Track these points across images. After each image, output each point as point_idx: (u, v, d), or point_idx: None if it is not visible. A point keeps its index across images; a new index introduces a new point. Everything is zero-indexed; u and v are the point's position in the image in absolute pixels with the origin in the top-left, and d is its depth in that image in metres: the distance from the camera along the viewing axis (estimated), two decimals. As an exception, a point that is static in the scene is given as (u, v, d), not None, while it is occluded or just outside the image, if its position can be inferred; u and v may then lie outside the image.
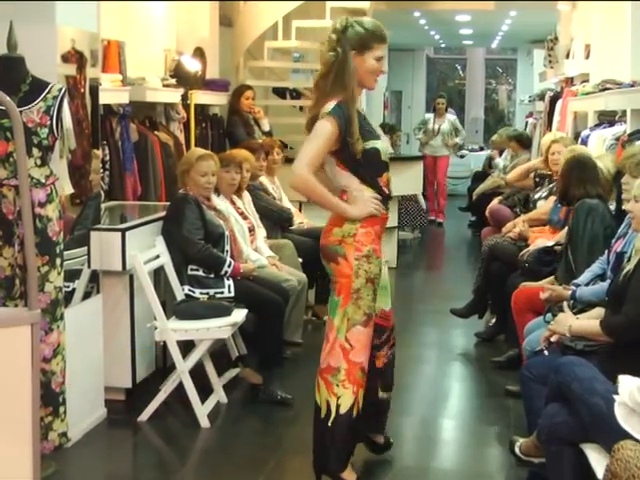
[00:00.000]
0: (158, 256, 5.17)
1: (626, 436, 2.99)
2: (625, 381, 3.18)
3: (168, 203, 5.64)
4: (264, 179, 6.98)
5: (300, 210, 7.94)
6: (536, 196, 6.98)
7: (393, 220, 8.61)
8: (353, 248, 3.86)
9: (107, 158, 5.96)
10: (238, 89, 8.30)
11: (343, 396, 3.85)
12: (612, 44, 7.57)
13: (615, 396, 3.17)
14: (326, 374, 3.89)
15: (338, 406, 3.85)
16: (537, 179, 7.30)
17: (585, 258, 4.75)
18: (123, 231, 4.92)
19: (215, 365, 5.24)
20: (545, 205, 6.54)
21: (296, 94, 10.76)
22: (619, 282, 3.78)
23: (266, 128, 8.28)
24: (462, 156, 16.41)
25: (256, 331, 5.34)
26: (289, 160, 7.87)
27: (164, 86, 6.99)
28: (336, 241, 3.90)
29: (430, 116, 13.10)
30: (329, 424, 3.86)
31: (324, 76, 3.84)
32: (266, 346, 5.29)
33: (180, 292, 5.21)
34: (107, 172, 5.98)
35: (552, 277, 5.13)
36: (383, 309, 4.11)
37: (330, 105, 3.76)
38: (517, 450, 4.13)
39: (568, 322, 4.02)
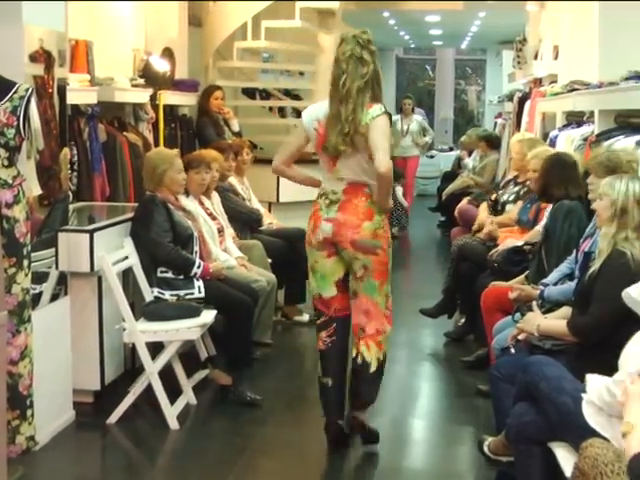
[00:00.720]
0: (127, 257, 5.16)
1: (594, 434, 3.02)
2: (593, 380, 3.21)
3: (136, 204, 5.62)
4: (233, 180, 6.98)
5: (270, 211, 7.95)
6: (504, 198, 7.03)
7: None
8: (384, 239, 4.42)
9: (75, 159, 5.92)
10: (207, 89, 8.28)
11: (387, 349, 4.61)
12: (580, 45, 7.62)
13: (583, 394, 3.20)
14: (377, 337, 4.51)
15: (385, 356, 4.57)
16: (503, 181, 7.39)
17: (559, 260, 4.77)
18: (91, 232, 4.89)
19: (184, 366, 5.23)
20: (513, 210, 6.58)
21: (265, 94, 10.76)
22: (585, 282, 3.83)
23: (236, 128, 8.27)
24: (431, 156, 16.47)
25: (225, 332, 5.33)
26: (258, 161, 7.90)
27: (133, 86, 6.95)
28: (369, 235, 4.38)
29: (398, 117, 13.14)
30: (381, 371, 4.56)
31: (365, 85, 4.32)
32: (235, 347, 5.30)
33: (149, 293, 5.19)
34: (75, 173, 5.95)
35: (522, 276, 5.17)
36: (323, 295, 4.56)
37: (378, 106, 4.30)
38: (486, 449, 4.18)
39: (536, 321, 4.06)
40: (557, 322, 3.99)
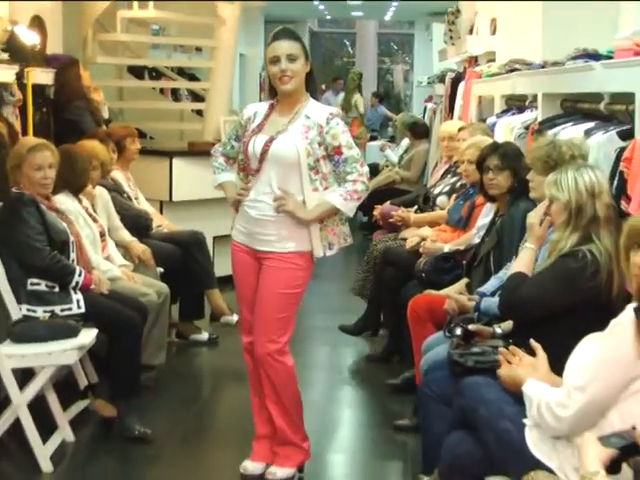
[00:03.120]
0: (-11, 267, 5.07)
1: (537, 465, 3.08)
2: (532, 389, 3.28)
3: (0, 204, 5.53)
4: (118, 174, 6.92)
5: (161, 211, 7.91)
6: (436, 191, 7.12)
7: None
8: None
9: None
10: (71, 64, 7.87)
11: None
12: (521, 19, 7.74)
13: (525, 420, 3.27)
14: None
15: None
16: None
17: None
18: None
19: (59, 397, 5.17)
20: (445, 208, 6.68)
21: (156, 74, 10.69)
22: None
23: (106, 115, 8.12)
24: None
25: (109, 355, 5.29)
26: (148, 152, 7.85)
27: (-5, 62, 6.84)
28: None
29: None
30: None
31: None
32: (121, 372, 5.25)
33: (17, 310, 5.11)
34: None
35: (462, 284, 5.21)
36: None
37: None
38: (423, 492, 4.20)
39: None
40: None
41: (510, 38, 8.22)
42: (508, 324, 4.17)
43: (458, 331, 4.20)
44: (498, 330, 4.12)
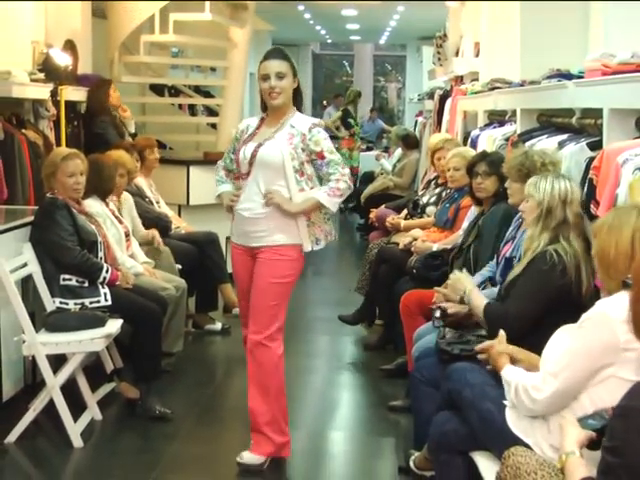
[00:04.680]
0: (26, 264, 5.07)
1: (516, 442, 3.08)
2: (510, 374, 3.28)
3: (36, 207, 5.53)
4: (141, 181, 6.93)
5: (179, 214, 7.91)
6: (423, 200, 7.13)
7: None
8: None
9: (-31, 159, 5.81)
10: (102, 83, 7.87)
11: None
12: (501, 42, 7.74)
13: (505, 401, 3.27)
14: None
15: None
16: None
17: (487, 261, 4.86)
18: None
19: (88, 380, 5.17)
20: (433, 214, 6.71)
21: (175, 91, 10.69)
22: (507, 284, 3.93)
23: (132, 129, 8.12)
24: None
25: (132, 343, 5.30)
26: (168, 161, 7.86)
27: (32, 81, 6.84)
28: None
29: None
30: None
31: None
32: (143, 358, 5.26)
33: (50, 303, 5.11)
34: (-31, 174, 5.84)
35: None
36: None
37: None
38: (412, 464, 4.21)
39: (465, 285, 4.15)
40: (481, 298, 4.08)
41: (492, 60, 8.22)
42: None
43: (437, 313, 4.24)
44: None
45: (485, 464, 3.30)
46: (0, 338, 4.98)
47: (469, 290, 4.14)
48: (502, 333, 3.54)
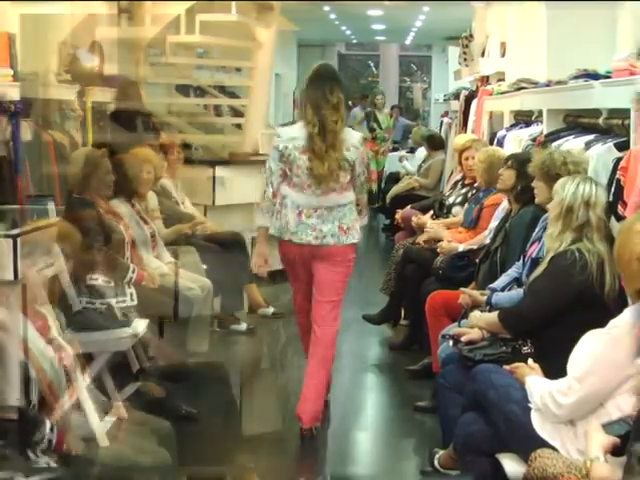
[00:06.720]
0: (52, 264, 5.09)
1: (543, 444, 3.07)
2: (533, 383, 3.28)
3: (63, 207, 5.55)
4: (166, 181, 6.95)
5: (205, 214, 7.92)
6: (449, 201, 7.12)
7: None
8: None
9: (-4, 159, 5.84)
10: (130, 83, 7.94)
11: None
12: (528, 42, 7.72)
13: (530, 404, 3.26)
14: None
15: None
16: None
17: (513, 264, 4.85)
18: (14, 237, 4.82)
19: (115, 379, 5.19)
20: (460, 214, 6.68)
21: (200, 92, 10.71)
22: (529, 284, 3.93)
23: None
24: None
25: (159, 342, 5.31)
26: (194, 162, 7.88)
27: (59, 82, 6.88)
28: None
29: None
30: None
31: None
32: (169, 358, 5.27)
33: (77, 302, 5.13)
34: (-4, 174, 5.86)
35: (474, 282, 5.22)
36: None
37: None
38: (436, 463, 4.20)
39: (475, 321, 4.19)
40: (489, 314, 4.12)
41: (518, 60, 8.20)
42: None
43: (450, 343, 4.25)
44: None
45: (511, 466, 3.29)
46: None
47: (476, 318, 4.20)
48: (535, 366, 3.52)
